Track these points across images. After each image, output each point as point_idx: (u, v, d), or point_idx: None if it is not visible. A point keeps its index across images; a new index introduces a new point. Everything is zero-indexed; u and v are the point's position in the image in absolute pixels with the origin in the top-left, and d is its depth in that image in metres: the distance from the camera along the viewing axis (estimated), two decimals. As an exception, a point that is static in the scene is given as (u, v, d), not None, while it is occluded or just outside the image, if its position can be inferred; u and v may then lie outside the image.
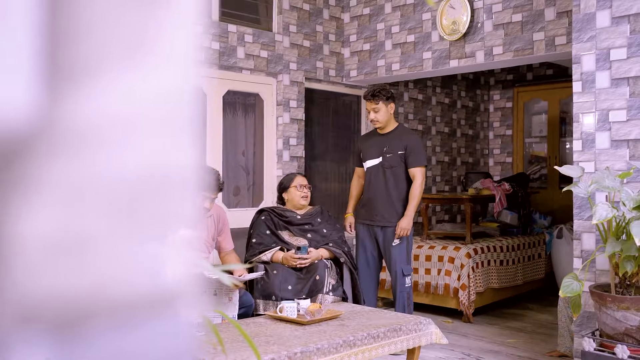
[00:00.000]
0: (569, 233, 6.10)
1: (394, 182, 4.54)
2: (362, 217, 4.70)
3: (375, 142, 4.66)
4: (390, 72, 5.78)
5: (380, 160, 4.57)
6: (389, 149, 4.55)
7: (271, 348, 2.89)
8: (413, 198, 4.46)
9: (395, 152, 4.53)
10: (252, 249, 4.31)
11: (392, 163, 4.53)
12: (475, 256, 5.55)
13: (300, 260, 4.12)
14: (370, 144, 4.70)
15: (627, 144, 3.58)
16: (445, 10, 5.29)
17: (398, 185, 4.54)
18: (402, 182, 4.55)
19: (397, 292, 4.51)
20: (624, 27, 3.59)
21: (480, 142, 8.16)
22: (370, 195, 4.62)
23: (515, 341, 4.85)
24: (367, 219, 4.65)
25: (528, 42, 4.83)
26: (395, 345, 3.33)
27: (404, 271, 4.50)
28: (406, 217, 4.46)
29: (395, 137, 4.58)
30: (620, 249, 3.11)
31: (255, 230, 4.38)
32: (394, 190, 4.54)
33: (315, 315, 3.40)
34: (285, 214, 4.45)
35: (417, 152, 4.51)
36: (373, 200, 4.59)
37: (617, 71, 3.62)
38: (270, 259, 4.20)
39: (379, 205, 4.56)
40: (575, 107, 3.80)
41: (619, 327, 3.19)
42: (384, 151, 4.56)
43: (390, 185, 4.54)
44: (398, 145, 4.53)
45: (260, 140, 5.61)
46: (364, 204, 4.69)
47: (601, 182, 3.13)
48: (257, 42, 5.36)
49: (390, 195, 4.54)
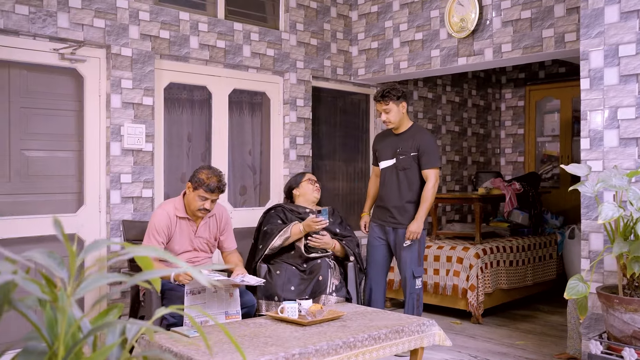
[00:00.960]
0: (581, 233, 5.99)
1: (407, 184, 4.45)
2: (375, 216, 4.66)
3: (389, 142, 4.58)
4: (399, 71, 5.72)
5: (394, 161, 4.50)
6: (402, 150, 4.46)
7: (269, 349, 2.84)
8: (425, 201, 4.36)
9: (408, 153, 4.44)
10: (267, 234, 4.28)
11: (405, 165, 4.45)
12: (484, 256, 5.47)
13: (321, 224, 4.14)
14: (385, 144, 4.62)
15: (636, 142, 3.49)
16: (453, 7, 5.22)
17: (411, 187, 4.46)
18: (415, 184, 4.46)
19: (407, 293, 4.46)
20: (632, 23, 3.50)
21: (492, 141, 8.06)
22: (384, 196, 4.56)
23: (524, 343, 4.77)
24: (380, 219, 4.60)
25: (537, 39, 4.75)
26: (397, 347, 3.27)
27: (414, 273, 4.43)
28: (416, 220, 4.38)
29: (408, 137, 4.48)
30: (628, 250, 3.03)
31: (267, 222, 4.40)
32: (406, 192, 4.46)
33: (316, 316, 3.35)
34: (297, 209, 4.48)
35: (430, 153, 4.40)
36: (386, 201, 4.54)
37: (625, 67, 3.53)
38: (290, 233, 4.19)
39: (392, 207, 4.50)
40: (583, 104, 3.71)
41: (626, 330, 3.11)
42: (397, 152, 4.48)
43: (403, 188, 4.46)
44: (411, 146, 4.43)
45: (267, 140, 5.58)
46: (378, 204, 4.65)
47: (608, 181, 3.05)
48: (263, 40, 5.32)
49: (403, 197, 4.46)
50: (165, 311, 1.54)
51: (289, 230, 4.22)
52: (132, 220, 4.39)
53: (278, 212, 4.45)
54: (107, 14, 4.35)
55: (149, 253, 1.42)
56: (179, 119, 4.98)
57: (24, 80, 4.12)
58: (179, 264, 1.41)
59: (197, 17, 4.88)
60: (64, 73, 4.28)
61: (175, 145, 4.96)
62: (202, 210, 3.80)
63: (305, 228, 4.20)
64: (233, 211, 5.20)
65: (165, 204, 3.90)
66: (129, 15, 4.47)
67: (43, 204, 4.20)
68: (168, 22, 4.69)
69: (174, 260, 1.41)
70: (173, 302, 3.64)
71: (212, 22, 4.98)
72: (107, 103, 4.40)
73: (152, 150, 4.59)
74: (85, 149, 4.36)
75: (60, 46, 4.19)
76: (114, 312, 1.63)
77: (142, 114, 4.53)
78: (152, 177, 4.60)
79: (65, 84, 4.30)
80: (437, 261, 5.62)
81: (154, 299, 3.60)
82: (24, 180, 4.12)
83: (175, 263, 1.42)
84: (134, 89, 4.48)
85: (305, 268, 4.17)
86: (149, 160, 4.57)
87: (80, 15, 4.21)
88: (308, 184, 4.56)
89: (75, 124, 4.35)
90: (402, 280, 4.52)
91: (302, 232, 4.21)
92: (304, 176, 4.63)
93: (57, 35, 4.11)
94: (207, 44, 4.94)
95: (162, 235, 3.76)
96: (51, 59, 4.18)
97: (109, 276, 1.48)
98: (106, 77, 4.41)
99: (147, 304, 3.66)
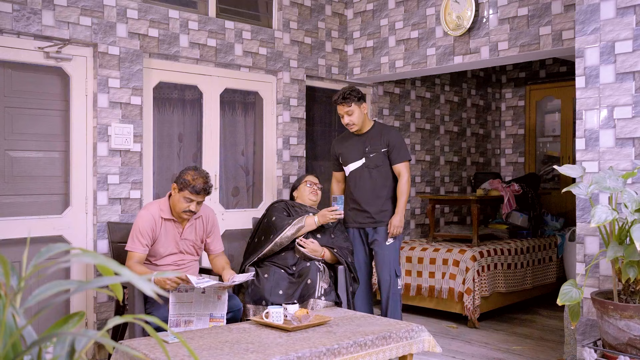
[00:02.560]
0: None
1: (381, 181, 4.42)
2: (351, 220, 4.54)
3: (354, 143, 4.50)
4: (394, 69, 5.62)
5: (364, 161, 4.44)
6: (371, 148, 4.41)
7: (249, 356, 2.75)
8: (402, 194, 4.35)
9: (379, 150, 4.40)
10: (277, 225, 4.19)
11: (376, 162, 4.40)
12: (481, 259, 5.36)
13: (336, 214, 4.13)
14: (349, 146, 4.54)
15: (633, 142, 3.38)
16: (449, 4, 5.11)
17: (385, 184, 4.43)
18: (388, 180, 4.43)
19: (390, 294, 4.38)
20: (629, 19, 3.39)
21: (492, 141, 7.94)
22: (358, 198, 4.47)
23: (520, 348, 4.66)
24: (357, 222, 4.51)
25: (534, 37, 4.64)
26: (385, 354, 3.17)
27: (397, 272, 4.40)
28: (397, 214, 4.36)
29: (374, 135, 4.44)
30: (622, 254, 2.92)
31: (273, 212, 4.34)
32: (381, 189, 4.42)
33: (301, 321, 3.25)
34: (300, 207, 4.45)
35: (399, 148, 4.40)
36: (361, 202, 4.45)
37: (622, 65, 3.41)
38: (304, 223, 4.15)
39: (368, 207, 4.43)
40: (579, 103, 3.60)
41: (621, 337, 2.99)
42: (366, 151, 4.42)
43: (378, 185, 4.42)
44: (379, 142, 4.40)
45: (260, 140, 5.48)
46: (353, 208, 4.52)
47: (602, 183, 2.94)
48: (255, 39, 5.22)
49: (379, 195, 4.42)
50: (119, 320, 1.44)
51: (303, 219, 4.17)
52: (119, 222, 4.30)
53: (283, 206, 4.41)
54: (93, 11, 4.27)
55: (92, 260, 1.33)
56: (169, 119, 4.89)
57: (9, 80, 4.03)
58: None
59: (187, 15, 4.79)
60: (49, 72, 4.20)
61: (166, 146, 4.87)
62: (188, 212, 3.71)
63: (320, 219, 4.17)
64: (225, 212, 5.11)
65: (150, 205, 3.81)
66: (117, 13, 4.39)
67: (28, 206, 4.12)
68: (157, 20, 4.61)
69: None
70: (157, 306, 3.55)
71: (203, 21, 4.89)
72: (94, 102, 4.31)
73: (140, 151, 4.50)
74: (72, 149, 4.27)
75: (46, 44, 4.10)
76: (73, 320, 1.53)
77: (130, 113, 4.45)
78: (140, 178, 4.51)
79: (50, 83, 4.22)
80: (433, 264, 5.51)
81: (136, 303, 3.50)
82: (8, 181, 4.04)
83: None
84: (121, 88, 4.39)
85: (294, 271, 4.07)
86: (137, 160, 4.48)
87: (66, 13, 4.12)
88: (305, 187, 4.52)
89: (61, 124, 4.27)
90: (381, 281, 4.42)
91: (317, 223, 4.18)
92: (303, 178, 4.60)
93: (42, 33, 4.03)
94: (197, 43, 4.85)
95: (146, 238, 3.66)
96: (36, 58, 4.10)
97: (62, 283, 1.39)
98: (93, 76, 4.33)
99: (130, 309, 3.57)
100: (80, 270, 4.27)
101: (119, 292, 1.58)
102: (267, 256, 4.17)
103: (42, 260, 1.35)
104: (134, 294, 3.49)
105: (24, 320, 1.39)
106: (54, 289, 1.36)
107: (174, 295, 3.40)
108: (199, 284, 3.30)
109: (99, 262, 1.32)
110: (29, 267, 1.35)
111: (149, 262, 3.74)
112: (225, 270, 3.82)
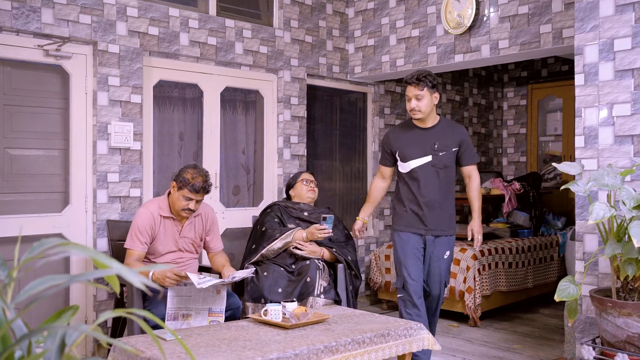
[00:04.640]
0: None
1: (447, 185, 3.92)
2: (408, 224, 3.92)
3: (417, 137, 3.91)
4: (395, 68, 5.61)
5: (430, 159, 3.85)
6: (440, 145, 3.85)
7: (246, 354, 2.74)
8: (477, 198, 3.94)
9: (449, 148, 3.86)
10: (267, 235, 4.20)
11: (445, 162, 3.86)
12: (481, 258, 5.35)
13: (324, 233, 4.04)
14: (410, 139, 3.93)
15: (632, 140, 3.37)
16: (450, 3, 5.10)
17: (450, 188, 3.96)
18: (452, 184, 3.99)
19: (439, 302, 4.03)
20: (628, 16, 3.38)
21: (494, 140, 7.93)
22: (424, 201, 3.87)
23: (521, 347, 4.65)
24: (418, 228, 3.90)
25: (535, 35, 4.63)
26: (383, 352, 3.16)
27: (446, 282, 4.04)
28: (476, 220, 3.94)
29: (443, 131, 3.90)
30: (621, 251, 2.91)
31: (265, 219, 4.34)
32: (448, 194, 3.93)
33: (300, 319, 3.25)
34: (295, 206, 4.44)
35: (471, 148, 3.97)
36: (427, 206, 3.87)
37: (621, 62, 3.40)
38: (292, 238, 4.12)
39: (435, 213, 3.88)
40: (578, 101, 3.59)
41: (620, 335, 2.98)
42: (435, 148, 3.85)
43: (445, 189, 3.90)
44: (451, 141, 3.87)
45: (260, 138, 5.48)
46: (414, 211, 3.90)
47: (600, 180, 2.93)
48: (256, 37, 5.23)
49: (447, 200, 3.92)
50: (111, 314, 1.44)
51: (291, 235, 4.13)
52: (118, 220, 4.31)
53: (275, 212, 4.39)
54: (93, 9, 4.27)
55: (80, 252, 1.33)
56: (170, 117, 4.89)
57: (8, 77, 4.04)
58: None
59: (187, 14, 4.80)
60: (49, 70, 4.21)
61: (167, 144, 4.88)
62: (187, 210, 3.71)
63: (309, 236, 4.09)
64: (226, 211, 5.11)
65: (149, 203, 3.81)
66: (117, 12, 4.39)
67: (28, 204, 4.13)
68: (157, 18, 4.61)
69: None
70: (156, 303, 3.55)
71: (203, 19, 4.89)
72: (94, 101, 4.32)
73: (140, 149, 4.50)
74: (71, 147, 4.28)
75: (45, 42, 4.11)
76: (67, 314, 1.53)
77: (130, 111, 4.45)
78: (140, 176, 4.51)
79: (50, 81, 4.23)
80: (434, 262, 5.49)
81: (135, 299, 3.51)
82: (8, 179, 4.05)
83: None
84: (121, 86, 4.40)
85: (293, 269, 4.07)
86: (137, 159, 4.49)
87: (65, 10, 4.13)
88: (302, 185, 4.52)
89: (60, 122, 4.28)
90: (434, 290, 3.97)
91: (305, 239, 4.12)
92: (299, 176, 4.58)
93: (42, 31, 4.04)
94: (197, 41, 4.85)
95: (145, 236, 3.67)
96: (36, 56, 4.11)
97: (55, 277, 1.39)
98: (92, 74, 4.33)
99: (128, 306, 3.57)
100: (80, 268, 4.28)
101: (115, 284, 1.58)
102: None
103: (34, 255, 1.35)
104: (133, 291, 3.49)
105: (15, 315, 1.39)
106: (47, 283, 1.36)
107: (172, 289, 3.41)
108: (201, 284, 3.30)
109: (88, 254, 1.32)
110: (20, 262, 1.35)
111: (148, 260, 3.74)
112: (225, 267, 3.82)
